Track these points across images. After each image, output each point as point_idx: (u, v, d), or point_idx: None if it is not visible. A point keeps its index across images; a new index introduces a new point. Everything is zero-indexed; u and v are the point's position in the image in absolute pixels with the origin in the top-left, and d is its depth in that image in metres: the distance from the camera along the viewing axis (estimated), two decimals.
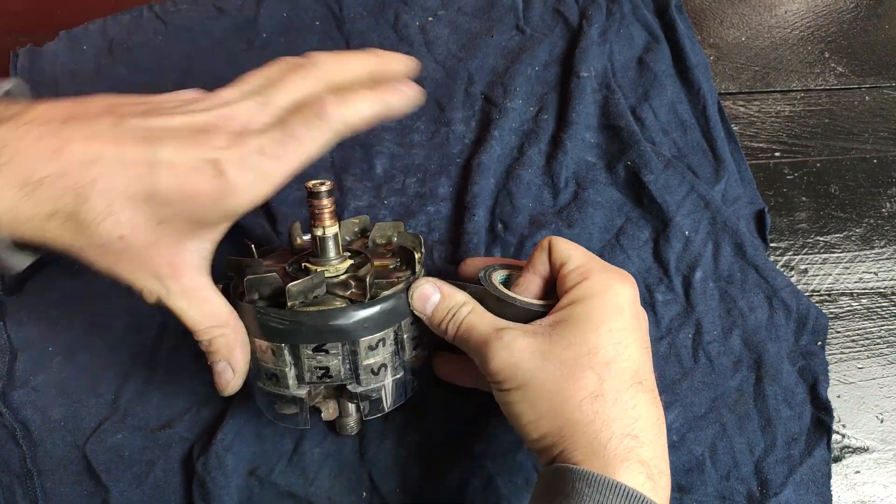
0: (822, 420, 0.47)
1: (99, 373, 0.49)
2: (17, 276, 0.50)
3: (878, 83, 0.63)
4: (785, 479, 0.45)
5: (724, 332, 0.50)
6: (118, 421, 0.48)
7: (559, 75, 0.61)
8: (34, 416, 0.48)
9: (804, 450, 0.46)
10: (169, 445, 0.47)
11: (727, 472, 0.46)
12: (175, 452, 0.47)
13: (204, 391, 0.48)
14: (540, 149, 0.57)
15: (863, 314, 0.53)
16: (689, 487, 0.46)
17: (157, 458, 0.47)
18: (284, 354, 0.38)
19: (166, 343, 0.50)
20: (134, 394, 0.48)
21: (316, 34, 0.64)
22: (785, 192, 0.58)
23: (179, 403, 0.48)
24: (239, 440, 0.46)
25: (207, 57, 0.62)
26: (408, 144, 0.58)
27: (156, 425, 0.48)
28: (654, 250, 0.53)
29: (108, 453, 0.47)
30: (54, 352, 0.50)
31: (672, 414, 0.47)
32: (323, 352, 0.38)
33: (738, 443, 0.47)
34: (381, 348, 0.39)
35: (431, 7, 0.65)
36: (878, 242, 0.56)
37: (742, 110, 0.62)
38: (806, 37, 0.66)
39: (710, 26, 0.67)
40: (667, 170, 0.54)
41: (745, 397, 0.48)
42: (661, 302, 0.51)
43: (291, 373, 0.39)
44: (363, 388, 0.40)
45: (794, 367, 0.49)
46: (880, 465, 0.48)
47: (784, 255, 0.55)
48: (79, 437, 0.47)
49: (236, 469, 0.45)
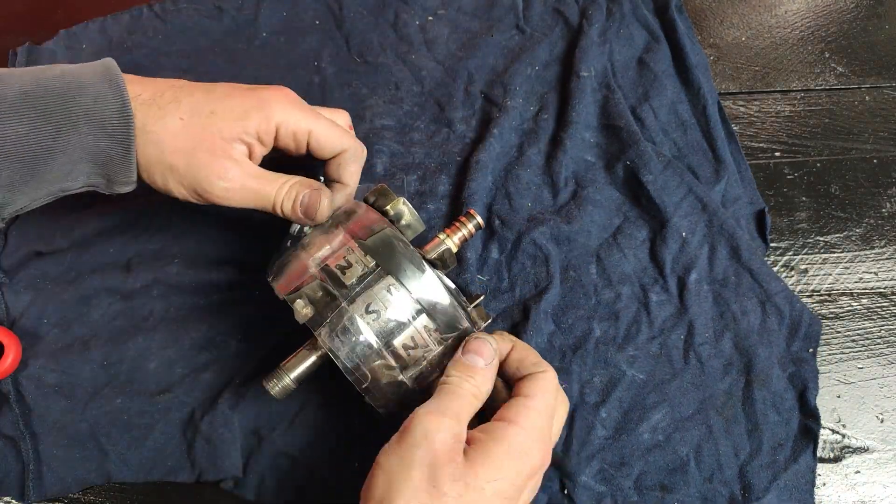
0: (809, 427, 0.47)
1: (94, 342, 0.50)
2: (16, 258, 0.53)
3: (878, 83, 0.63)
4: (768, 485, 0.45)
5: (716, 335, 0.50)
6: (116, 387, 0.49)
7: (559, 75, 0.61)
8: (27, 382, 0.49)
9: (790, 456, 0.46)
10: (168, 409, 0.48)
11: (711, 474, 0.46)
12: (174, 416, 0.48)
13: (203, 357, 0.50)
14: (539, 148, 0.57)
15: (863, 314, 0.53)
16: (671, 487, 0.46)
17: (155, 421, 0.48)
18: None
19: (162, 313, 0.51)
20: (131, 361, 0.50)
21: (316, 33, 0.64)
22: (785, 192, 0.58)
23: (178, 370, 0.50)
24: (243, 401, 0.48)
25: (207, 56, 0.63)
26: (408, 143, 0.58)
27: (154, 390, 0.49)
28: (651, 250, 0.53)
29: (106, 417, 0.48)
30: (49, 324, 0.51)
31: (659, 414, 0.47)
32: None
33: (724, 445, 0.47)
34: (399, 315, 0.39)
35: (431, 6, 0.65)
36: (878, 242, 0.56)
37: (742, 110, 0.62)
38: (806, 37, 0.66)
39: (710, 26, 0.67)
40: (666, 170, 0.54)
41: (734, 400, 0.48)
42: (655, 302, 0.51)
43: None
44: (344, 323, 0.38)
45: (784, 373, 0.49)
46: (880, 465, 0.48)
47: (784, 255, 0.55)
48: (75, 403, 0.48)
49: (242, 426, 0.47)
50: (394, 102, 0.60)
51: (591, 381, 0.49)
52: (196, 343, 0.50)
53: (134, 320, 0.51)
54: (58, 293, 0.52)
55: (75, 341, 0.50)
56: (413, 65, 0.62)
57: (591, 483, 0.46)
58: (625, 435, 0.47)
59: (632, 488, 0.46)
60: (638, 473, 0.46)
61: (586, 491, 0.45)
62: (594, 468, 0.46)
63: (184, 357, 0.50)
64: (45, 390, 0.49)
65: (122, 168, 0.41)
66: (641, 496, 0.46)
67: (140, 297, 0.52)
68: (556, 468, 0.46)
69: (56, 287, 0.52)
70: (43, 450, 0.47)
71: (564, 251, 0.53)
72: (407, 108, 0.60)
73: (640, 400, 0.48)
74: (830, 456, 0.48)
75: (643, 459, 0.46)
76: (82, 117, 0.39)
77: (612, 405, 0.48)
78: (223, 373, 0.49)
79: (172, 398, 0.48)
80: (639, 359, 0.49)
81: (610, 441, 0.47)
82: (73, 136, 0.39)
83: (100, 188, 0.43)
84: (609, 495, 0.46)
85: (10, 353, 0.48)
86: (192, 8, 0.65)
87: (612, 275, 0.52)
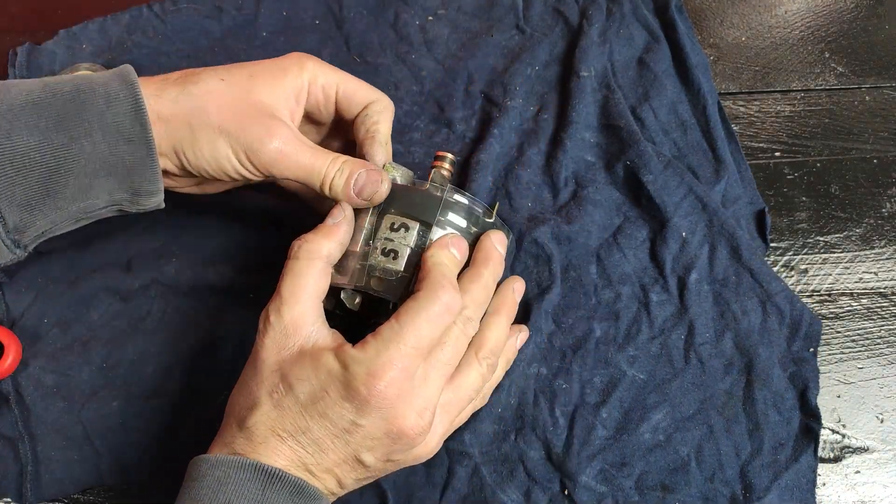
0: (810, 427, 0.47)
1: (93, 344, 0.50)
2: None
3: (878, 83, 0.63)
4: (770, 484, 0.45)
5: (716, 335, 0.50)
6: (113, 389, 0.49)
7: (559, 75, 0.61)
8: (27, 382, 0.49)
9: (791, 455, 0.46)
10: (164, 414, 0.48)
11: (712, 474, 0.46)
12: (171, 420, 0.48)
13: (199, 362, 0.50)
14: (540, 148, 0.57)
15: (863, 314, 0.53)
16: (672, 487, 0.46)
17: (151, 425, 0.48)
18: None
19: (160, 314, 0.51)
20: (129, 364, 0.50)
21: (315, 33, 0.64)
22: (785, 192, 0.58)
23: (174, 374, 0.49)
24: None
25: (207, 56, 0.63)
26: (407, 143, 0.58)
27: (151, 394, 0.49)
28: (651, 250, 0.53)
29: (103, 420, 0.48)
30: (49, 324, 0.51)
31: (660, 414, 0.47)
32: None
33: (725, 445, 0.47)
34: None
35: (431, 6, 0.65)
36: (878, 242, 0.56)
37: (742, 110, 0.62)
38: (806, 37, 0.66)
39: (710, 26, 0.67)
40: (666, 170, 0.54)
41: (734, 400, 0.48)
42: (656, 302, 0.51)
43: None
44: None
45: (784, 373, 0.49)
46: (880, 465, 0.48)
47: (784, 255, 0.55)
48: (72, 405, 0.48)
49: None
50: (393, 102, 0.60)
51: (591, 382, 0.49)
52: (193, 347, 0.50)
53: (133, 321, 0.51)
54: (58, 293, 0.52)
55: (75, 342, 0.50)
56: (413, 65, 0.62)
57: (592, 483, 0.46)
58: (625, 435, 0.47)
59: (633, 488, 0.46)
60: (639, 473, 0.46)
61: (587, 491, 0.46)
62: (595, 468, 0.46)
63: (180, 361, 0.50)
64: (44, 391, 0.49)
65: (146, 174, 0.39)
66: (642, 496, 0.46)
67: (139, 297, 0.52)
68: (556, 468, 0.46)
69: (56, 287, 0.52)
70: (41, 451, 0.47)
71: (565, 251, 0.53)
72: (406, 108, 0.60)
73: (640, 400, 0.48)
74: (830, 456, 0.48)
75: (644, 459, 0.46)
76: (95, 122, 0.37)
77: (613, 405, 0.48)
78: (220, 378, 0.49)
79: (168, 403, 0.48)
80: (639, 359, 0.49)
81: (611, 441, 0.47)
82: (87, 146, 0.37)
83: (125, 206, 0.41)
84: (610, 495, 0.46)
85: (10, 353, 0.48)
86: (191, 8, 0.65)
87: (612, 275, 0.52)
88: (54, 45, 0.63)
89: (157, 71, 0.61)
